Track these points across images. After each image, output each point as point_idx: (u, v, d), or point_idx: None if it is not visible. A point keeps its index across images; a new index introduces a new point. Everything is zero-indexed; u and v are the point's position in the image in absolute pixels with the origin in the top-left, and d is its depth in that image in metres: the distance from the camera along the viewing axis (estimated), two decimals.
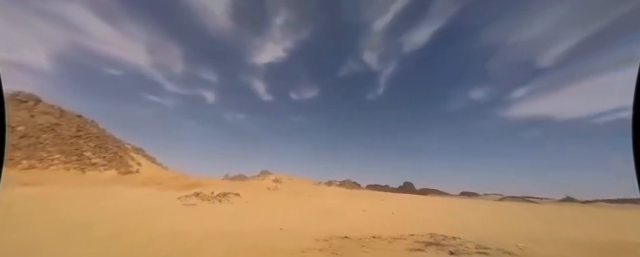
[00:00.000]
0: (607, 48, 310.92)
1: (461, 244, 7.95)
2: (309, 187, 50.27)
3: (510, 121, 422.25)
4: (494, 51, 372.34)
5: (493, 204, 54.70)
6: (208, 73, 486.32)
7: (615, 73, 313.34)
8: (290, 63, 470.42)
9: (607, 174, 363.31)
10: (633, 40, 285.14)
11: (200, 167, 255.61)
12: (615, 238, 12.51)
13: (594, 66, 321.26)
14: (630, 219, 28.22)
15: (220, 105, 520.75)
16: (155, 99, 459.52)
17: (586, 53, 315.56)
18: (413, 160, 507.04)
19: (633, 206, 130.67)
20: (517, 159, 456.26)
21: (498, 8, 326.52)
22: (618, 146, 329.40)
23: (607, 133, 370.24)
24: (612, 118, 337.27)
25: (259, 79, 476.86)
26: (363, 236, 8.29)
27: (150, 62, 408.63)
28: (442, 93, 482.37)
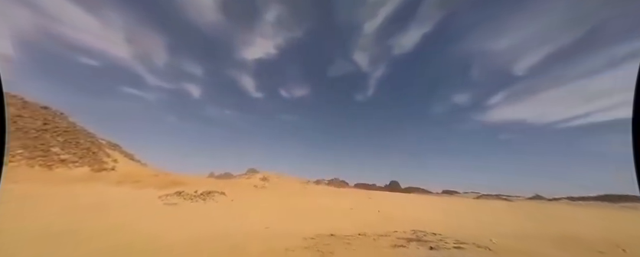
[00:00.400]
0: (575, 60, 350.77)
1: (441, 239, 8.36)
2: (298, 186, 50.10)
3: (488, 124, 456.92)
4: (476, 58, 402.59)
5: (471, 202, 58.13)
6: (193, 67, 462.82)
7: (582, 81, 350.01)
8: (281, 60, 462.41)
9: (572, 173, 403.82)
10: (598, 53, 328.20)
11: (183, 164, 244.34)
12: (572, 232, 13.85)
13: (564, 75, 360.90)
14: (587, 216, 31.31)
15: (205, 100, 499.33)
16: (135, 93, 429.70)
17: (557, 64, 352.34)
18: (399, 159, 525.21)
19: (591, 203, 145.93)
20: (493, 159, 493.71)
21: (480, 17, 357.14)
22: (584, 148, 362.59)
23: (574, 136, 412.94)
24: (579, 123, 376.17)
25: (249, 75, 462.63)
26: (349, 234, 8.42)
27: (130, 53, 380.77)
28: (428, 97, 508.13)
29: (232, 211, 13.99)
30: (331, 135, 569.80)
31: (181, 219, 10.25)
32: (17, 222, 7.15)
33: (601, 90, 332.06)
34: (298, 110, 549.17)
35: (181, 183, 25.07)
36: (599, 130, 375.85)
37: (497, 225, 14.89)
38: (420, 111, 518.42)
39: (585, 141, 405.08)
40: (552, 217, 25.25)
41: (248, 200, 20.65)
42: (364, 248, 6.39)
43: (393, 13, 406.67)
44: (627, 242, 10.37)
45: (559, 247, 8.40)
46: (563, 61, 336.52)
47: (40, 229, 6.53)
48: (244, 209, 15.04)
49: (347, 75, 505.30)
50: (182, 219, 10.05)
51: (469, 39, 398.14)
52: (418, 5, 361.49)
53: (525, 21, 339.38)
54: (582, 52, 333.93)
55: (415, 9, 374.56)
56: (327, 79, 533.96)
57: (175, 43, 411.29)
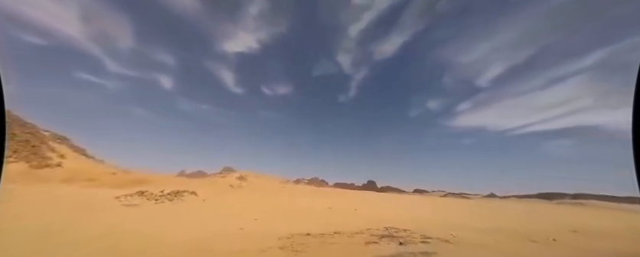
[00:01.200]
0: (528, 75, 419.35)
1: (409, 235, 8.96)
2: (276, 185, 49.16)
3: (454, 129, 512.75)
4: (447, 69, 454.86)
5: (437, 200, 63.31)
6: (165, 55, 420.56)
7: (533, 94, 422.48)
8: (264, 55, 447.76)
9: (520, 174, 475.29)
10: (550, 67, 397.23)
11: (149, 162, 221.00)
12: (515, 225, 15.97)
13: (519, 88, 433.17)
14: (528, 211, 36.38)
15: (178, 92, 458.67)
16: (91, 79, 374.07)
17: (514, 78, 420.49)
18: (377, 160, 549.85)
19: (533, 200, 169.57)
20: (457, 162, 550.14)
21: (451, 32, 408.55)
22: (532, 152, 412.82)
23: (525, 142, 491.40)
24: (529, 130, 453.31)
25: (228, 69, 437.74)
26: (325, 232, 8.54)
27: (87, 33, 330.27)
28: (405, 101, 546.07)
29: (203, 212, 13.16)
30: (312, 134, 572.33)
31: (142, 221, 9.32)
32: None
33: (548, 102, 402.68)
34: (280, 108, 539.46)
35: (145, 182, 22.78)
36: (546, 136, 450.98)
37: (458, 220, 16.46)
38: (397, 114, 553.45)
39: (533, 146, 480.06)
40: (501, 213, 28.83)
41: (222, 199, 19.63)
42: (339, 246, 6.54)
43: (377, 19, 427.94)
44: (557, 233, 12.32)
45: (503, 237, 9.62)
46: (518, 76, 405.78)
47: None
48: (217, 210, 14.26)
49: (331, 75, 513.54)
50: (143, 222, 9.15)
51: (442, 51, 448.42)
52: (399, 15, 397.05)
53: (488, 39, 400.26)
54: (533, 68, 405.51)
55: (396, 18, 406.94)
56: (311, 78, 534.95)
57: (143, 26, 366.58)
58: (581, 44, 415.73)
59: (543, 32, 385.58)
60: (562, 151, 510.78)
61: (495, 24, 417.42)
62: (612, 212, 63.00)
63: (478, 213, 25.38)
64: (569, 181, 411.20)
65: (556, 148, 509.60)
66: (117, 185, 20.28)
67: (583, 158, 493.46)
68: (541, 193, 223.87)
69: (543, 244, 8.80)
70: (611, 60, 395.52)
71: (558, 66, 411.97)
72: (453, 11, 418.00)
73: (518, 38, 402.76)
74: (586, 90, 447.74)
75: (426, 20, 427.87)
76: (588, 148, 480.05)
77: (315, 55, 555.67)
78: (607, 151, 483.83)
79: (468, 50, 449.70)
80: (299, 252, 5.65)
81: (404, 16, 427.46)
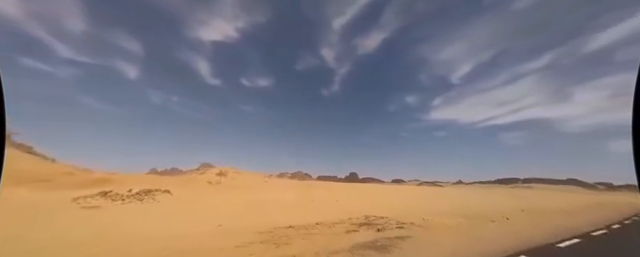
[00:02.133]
0: (492, 73, 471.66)
1: (386, 222, 9.54)
2: (259, 180, 48.28)
3: (429, 123, 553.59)
4: (424, 66, 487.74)
5: (413, 188, 68.23)
6: (129, 41, 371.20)
7: (496, 90, 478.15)
8: (243, 46, 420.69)
9: (483, 162, 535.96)
10: (512, 67, 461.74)
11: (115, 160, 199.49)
12: (477, 208, 17.94)
13: (485, 84, 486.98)
14: (488, 195, 40.97)
15: (146, 83, 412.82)
16: (39, 66, 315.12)
17: (480, 76, 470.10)
18: (358, 153, 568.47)
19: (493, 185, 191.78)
20: (431, 152, 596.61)
21: (428, 32, 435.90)
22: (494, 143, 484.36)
23: (489, 133, 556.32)
24: (493, 123, 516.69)
25: (204, 59, 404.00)
26: (307, 224, 8.67)
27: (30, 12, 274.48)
28: (385, 96, 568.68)
29: (178, 211, 12.44)
30: (296, 128, 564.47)
31: (104, 224, 8.50)
32: None
33: (507, 98, 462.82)
34: (261, 101, 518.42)
35: (110, 182, 20.69)
36: (504, 128, 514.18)
37: (430, 206, 17.95)
38: (378, 108, 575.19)
39: (494, 137, 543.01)
40: (467, 197, 32.17)
41: (200, 197, 18.73)
42: (321, 236, 6.70)
43: (360, 14, 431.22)
44: (510, 213, 14.15)
45: (467, 219, 10.79)
46: (483, 74, 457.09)
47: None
48: (194, 208, 13.59)
49: (315, 69, 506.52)
50: (105, 225, 8.34)
51: (420, 48, 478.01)
52: (381, 11, 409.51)
53: (460, 40, 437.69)
54: (496, 68, 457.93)
55: (378, 14, 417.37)
56: (294, 71, 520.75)
57: (101, 7, 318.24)
58: (534, 48, 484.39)
59: (504, 36, 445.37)
60: (516, 142, 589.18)
61: (465, 26, 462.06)
62: (551, 192, 74.73)
63: (448, 199, 27.98)
64: (521, 168, 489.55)
65: (512, 138, 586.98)
66: (76, 186, 18.09)
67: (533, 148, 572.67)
68: (499, 179, 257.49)
69: (499, 222, 10.04)
70: (557, 63, 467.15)
71: (516, 67, 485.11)
72: (430, 11, 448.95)
73: (484, 40, 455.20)
74: (537, 88, 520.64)
75: (406, 18, 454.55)
76: (537, 138, 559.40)
77: (298, 48, 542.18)
78: (552, 141, 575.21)
79: (442, 49, 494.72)
80: (280, 245, 5.66)
81: (386, 13, 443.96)
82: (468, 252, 5.22)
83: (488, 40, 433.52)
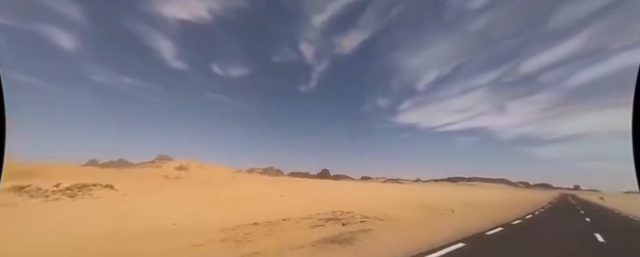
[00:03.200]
0: (451, 83, 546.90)
1: (352, 217, 9.99)
2: (226, 176, 45.40)
3: (396, 124, 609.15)
4: (395, 72, 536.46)
5: (379, 185, 73.41)
6: (67, 4, 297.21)
7: (452, 100, 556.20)
8: (217, 30, 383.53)
9: (439, 163, 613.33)
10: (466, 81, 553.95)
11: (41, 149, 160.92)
12: (431, 202, 20.22)
13: (443, 94, 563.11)
14: (442, 191, 46.63)
15: (88, 58, 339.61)
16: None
17: (439, 86, 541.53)
18: (331, 150, 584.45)
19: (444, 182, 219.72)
20: (396, 152, 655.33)
21: (401, 38, 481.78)
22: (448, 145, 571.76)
23: (444, 137, 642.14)
24: (448, 128, 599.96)
25: (167, 38, 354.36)
26: (273, 221, 8.49)
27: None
28: (359, 96, 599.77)
29: (122, 208, 10.84)
30: (270, 122, 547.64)
31: (17, 225, 6.87)
32: None
33: (461, 107, 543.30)
34: (234, 91, 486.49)
35: (31, 175, 16.85)
36: (457, 134, 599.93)
37: (392, 201, 19.51)
38: (353, 108, 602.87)
39: (448, 140, 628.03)
40: (423, 193, 36.07)
41: (153, 193, 16.66)
42: (286, 232, 6.62)
43: (340, 13, 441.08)
44: (456, 206, 16.33)
45: (421, 213, 12.09)
46: (443, 84, 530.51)
47: None
48: (143, 206, 12.03)
49: (293, 63, 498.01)
50: (18, 226, 6.75)
51: (392, 54, 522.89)
52: (360, 16, 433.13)
53: (426, 50, 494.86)
54: (453, 79, 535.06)
55: (357, 18, 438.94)
56: (270, 63, 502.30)
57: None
58: (482, 66, 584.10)
59: (461, 53, 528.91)
60: (465, 145, 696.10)
61: (432, 40, 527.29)
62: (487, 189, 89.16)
63: (407, 195, 30.85)
64: (467, 168, 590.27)
65: (463, 143, 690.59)
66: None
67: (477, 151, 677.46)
68: (449, 178, 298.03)
69: (447, 215, 11.49)
70: (499, 80, 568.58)
71: (468, 81, 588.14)
72: (403, 22, 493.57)
73: (445, 55, 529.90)
74: (481, 101, 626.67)
75: (382, 25, 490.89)
76: (480, 143, 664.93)
77: (276, 39, 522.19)
78: (495, 146, 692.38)
79: (411, 58, 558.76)
80: (242, 242, 5.40)
81: (364, 17, 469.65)
82: (418, 242, 5.82)
83: (448, 56, 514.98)
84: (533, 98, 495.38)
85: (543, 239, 6.64)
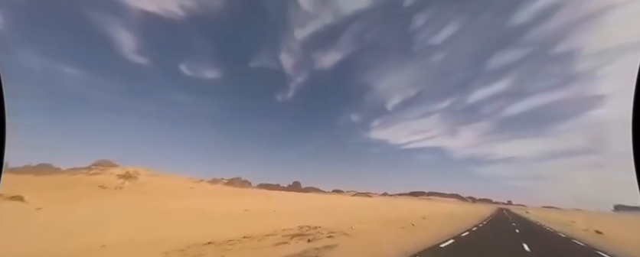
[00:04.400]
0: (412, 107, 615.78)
1: (319, 232, 9.75)
2: (183, 186, 40.19)
3: (368, 140, 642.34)
4: (369, 90, 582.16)
5: (349, 199, 74.24)
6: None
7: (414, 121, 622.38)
8: (190, 26, 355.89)
9: (404, 178, 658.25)
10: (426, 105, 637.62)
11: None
12: (396, 215, 21.19)
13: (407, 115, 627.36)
14: (405, 205, 49.46)
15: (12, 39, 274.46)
16: None
17: (405, 108, 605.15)
18: (304, 162, 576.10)
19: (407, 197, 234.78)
20: (366, 166, 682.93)
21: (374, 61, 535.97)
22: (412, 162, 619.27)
23: (409, 154, 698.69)
24: (411, 146, 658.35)
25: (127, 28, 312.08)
26: (232, 238, 7.72)
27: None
28: (335, 111, 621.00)
29: (27, 227, 8.56)
30: (240, 129, 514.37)
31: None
32: None
33: (421, 128, 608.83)
34: (203, 94, 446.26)
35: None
36: (418, 152, 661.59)
37: (359, 216, 19.81)
38: (328, 121, 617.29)
39: (411, 158, 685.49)
40: (388, 207, 37.73)
41: (80, 206, 13.64)
42: (244, 252, 6.06)
43: (321, 31, 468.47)
44: (415, 220, 17.43)
45: (385, 226, 12.55)
46: (408, 106, 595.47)
47: None
48: (59, 222, 9.72)
49: (271, 71, 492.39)
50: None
51: (367, 75, 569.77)
52: (339, 35, 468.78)
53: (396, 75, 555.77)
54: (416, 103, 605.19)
55: (336, 36, 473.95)
56: (247, 68, 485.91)
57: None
58: (439, 93, 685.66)
59: (423, 80, 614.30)
60: (425, 163, 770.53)
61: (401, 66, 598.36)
62: (442, 203, 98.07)
63: (374, 209, 31.83)
64: (427, 183, 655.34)
65: (423, 160, 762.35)
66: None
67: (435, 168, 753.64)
68: (412, 192, 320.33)
69: (407, 228, 12.14)
70: (452, 107, 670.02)
71: (428, 105, 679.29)
72: (378, 46, 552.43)
73: (411, 80, 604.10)
74: (438, 124, 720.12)
75: (359, 46, 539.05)
76: (438, 161, 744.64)
77: (255, 45, 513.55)
78: (449, 164, 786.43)
79: (383, 79, 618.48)
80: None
81: (343, 37, 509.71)
82: (383, 254, 5.95)
83: (412, 82, 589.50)
84: (477, 125, 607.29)
85: (485, 248, 7.53)
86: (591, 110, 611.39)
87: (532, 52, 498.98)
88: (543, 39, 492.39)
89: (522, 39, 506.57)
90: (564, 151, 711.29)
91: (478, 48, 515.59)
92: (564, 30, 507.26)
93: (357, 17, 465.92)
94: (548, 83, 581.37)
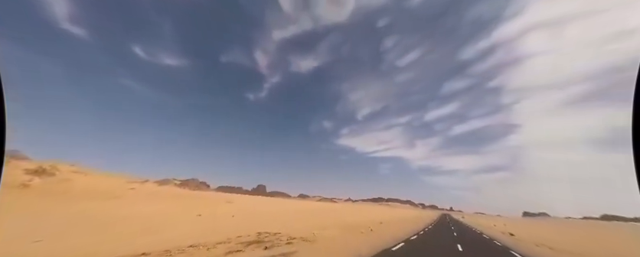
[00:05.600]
0: (379, 119, 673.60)
1: (278, 238, 9.35)
2: (120, 186, 33.82)
3: (337, 147, 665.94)
4: (341, 99, 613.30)
5: (314, 204, 74.25)
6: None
7: (379, 132, 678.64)
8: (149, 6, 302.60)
9: (367, 185, 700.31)
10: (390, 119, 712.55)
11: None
12: (358, 221, 22.01)
13: (372, 126, 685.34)
14: (366, 210, 51.91)
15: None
16: None
17: (372, 119, 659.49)
18: (271, 165, 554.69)
19: (369, 203, 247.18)
20: (334, 172, 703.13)
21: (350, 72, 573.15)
22: (375, 169, 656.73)
23: (373, 162, 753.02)
24: (375, 155, 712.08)
25: None
26: (174, 248, 6.76)
27: None
28: (308, 115, 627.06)
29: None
30: (201, 125, 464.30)
31: None
32: None
33: (384, 139, 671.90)
34: (160, 82, 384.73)
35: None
36: (381, 160, 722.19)
37: (322, 221, 19.89)
38: (301, 126, 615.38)
39: (375, 166, 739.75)
40: (350, 213, 39.06)
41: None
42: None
43: (300, 36, 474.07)
44: (374, 225, 18.39)
45: (346, 231, 12.87)
46: (374, 118, 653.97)
47: None
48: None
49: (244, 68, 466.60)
50: None
51: (340, 85, 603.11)
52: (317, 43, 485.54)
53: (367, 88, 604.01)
54: (382, 116, 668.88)
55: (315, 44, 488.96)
56: (218, 60, 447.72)
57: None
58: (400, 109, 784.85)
59: (388, 96, 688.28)
60: (386, 171, 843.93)
61: (372, 80, 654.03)
62: (398, 209, 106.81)
63: (337, 214, 32.49)
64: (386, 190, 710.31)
65: (385, 168, 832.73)
66: None
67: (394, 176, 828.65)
68: (373, 198, 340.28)
69: (365, 233, 12.68)
70: (411, 123, 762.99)
71: (391, 119, 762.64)
72: (351, 59, 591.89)
73: (379, 94, 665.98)
74: (399, 137, 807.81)
75: (334, 56, 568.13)
76: (397, 170, 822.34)
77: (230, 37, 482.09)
78: (406, 173, 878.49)
79: (355, 90, 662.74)
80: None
81: (321, 45, 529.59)
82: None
83: (380, 96, 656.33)
84: (430, 140, 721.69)
85: (428, 251, 8.39)
86: (510, 135, 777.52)
87: (473, 83, 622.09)
88: (482, 74, 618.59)
89: (467, 72, 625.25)
90: (491, 167, 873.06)
91: (434, 75, 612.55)
92: (497, 69, 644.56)
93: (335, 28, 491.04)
94: (483, 111, 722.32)
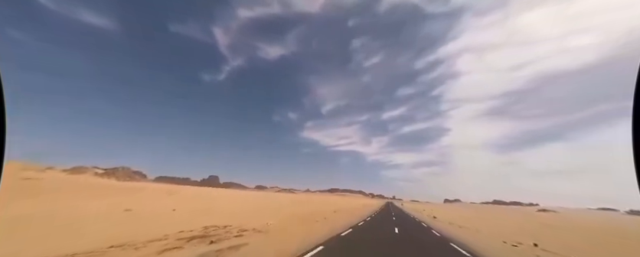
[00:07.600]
0: (341, 115, 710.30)
1: (228, 231, 8.76)
2: (8, 176, 24.93)
3: (301, 139, 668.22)
4: (308, 92, 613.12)
5: (272, 194, 73.20)
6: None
7: (341, 128, 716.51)
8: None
9: (326, 176, 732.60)
10: (351, 116, 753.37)
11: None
12: (312, 210, 22.81)
13: (336, 122, 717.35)
14: (323, 200, 54.30)
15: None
16: None
17: (337, 115, 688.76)
18: (227, 155, 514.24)
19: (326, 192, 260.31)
20: (294, 164, 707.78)
21: (317, 65, 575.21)
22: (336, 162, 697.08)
23: (335, 155, 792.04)
24: (338, 149, 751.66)
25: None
26: (89, 250, 5.49)
27: None
28: (271, 105, 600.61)
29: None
30: (141, 106, 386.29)
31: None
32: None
33: (344, 135, 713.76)
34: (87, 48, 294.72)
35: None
36: (341, 154, 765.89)
37: (278, 211, 19.81)
38: (263, 115, 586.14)
39: (335, 158, 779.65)
40: (308, 202, 40.32)
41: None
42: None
43: (269, 20, 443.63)
44: (329, 214, 19.50)
45: (300, 220, 13.19)
46: (337, 114, 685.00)
47: None
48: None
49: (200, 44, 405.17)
50: None
51: (308, 77, 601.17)
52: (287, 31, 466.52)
53: (333, 84, 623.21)
54: (343, 113, 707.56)
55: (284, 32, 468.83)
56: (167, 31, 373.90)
57: None
58: (360, 108, 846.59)
59: (352, 94, 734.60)
60: (345, 164, 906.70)
61: (338, 77, 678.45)
62: (351, 198, 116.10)
63: (295, 204, 32.99)
64: (343, 182, 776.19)
65: (343, 162, 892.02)
66: None
67: (351, 168, 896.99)
68: (330, 189, 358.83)
69: (320, 222, 13.28)
70: (369, 121, 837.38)
71: (352, 116, 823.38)
72: (320, 53, 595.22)
73: (342, 92, 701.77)
74: (358, 133, 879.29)
75: (303, 48, 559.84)
76: (353, 163, 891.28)
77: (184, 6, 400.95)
78: (361, 166, 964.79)
79: (322, 85, 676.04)
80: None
81: (290, 35, 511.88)
82: (289, 251, 6.06)
83: (344, 93, 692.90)
84: (383, 138, 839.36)
85: (371, 233, 9.45)
86: (443, 136, 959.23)
87: (421, 90, 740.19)
88: (428, 82, 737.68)
89: (417, 80, 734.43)
90: (427, 162, 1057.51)
91: (392, 79, 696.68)
92: (439, 80, 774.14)
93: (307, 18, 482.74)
94: (426, 115, 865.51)
